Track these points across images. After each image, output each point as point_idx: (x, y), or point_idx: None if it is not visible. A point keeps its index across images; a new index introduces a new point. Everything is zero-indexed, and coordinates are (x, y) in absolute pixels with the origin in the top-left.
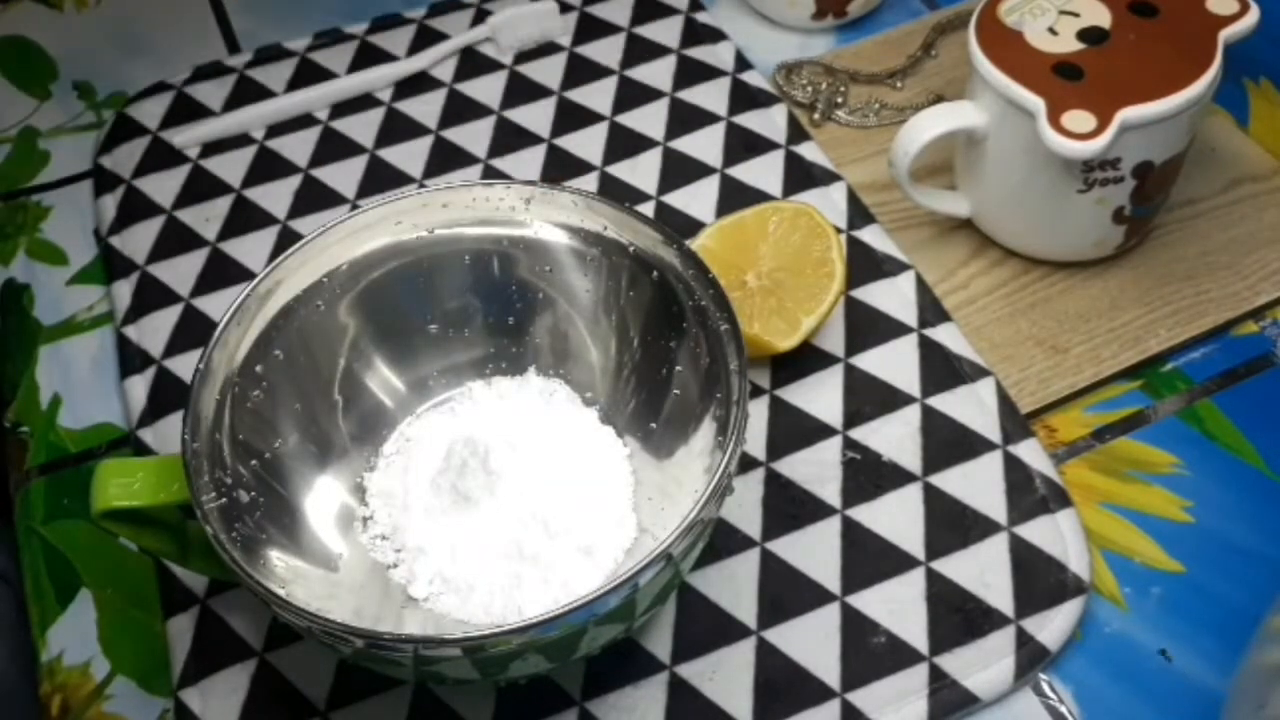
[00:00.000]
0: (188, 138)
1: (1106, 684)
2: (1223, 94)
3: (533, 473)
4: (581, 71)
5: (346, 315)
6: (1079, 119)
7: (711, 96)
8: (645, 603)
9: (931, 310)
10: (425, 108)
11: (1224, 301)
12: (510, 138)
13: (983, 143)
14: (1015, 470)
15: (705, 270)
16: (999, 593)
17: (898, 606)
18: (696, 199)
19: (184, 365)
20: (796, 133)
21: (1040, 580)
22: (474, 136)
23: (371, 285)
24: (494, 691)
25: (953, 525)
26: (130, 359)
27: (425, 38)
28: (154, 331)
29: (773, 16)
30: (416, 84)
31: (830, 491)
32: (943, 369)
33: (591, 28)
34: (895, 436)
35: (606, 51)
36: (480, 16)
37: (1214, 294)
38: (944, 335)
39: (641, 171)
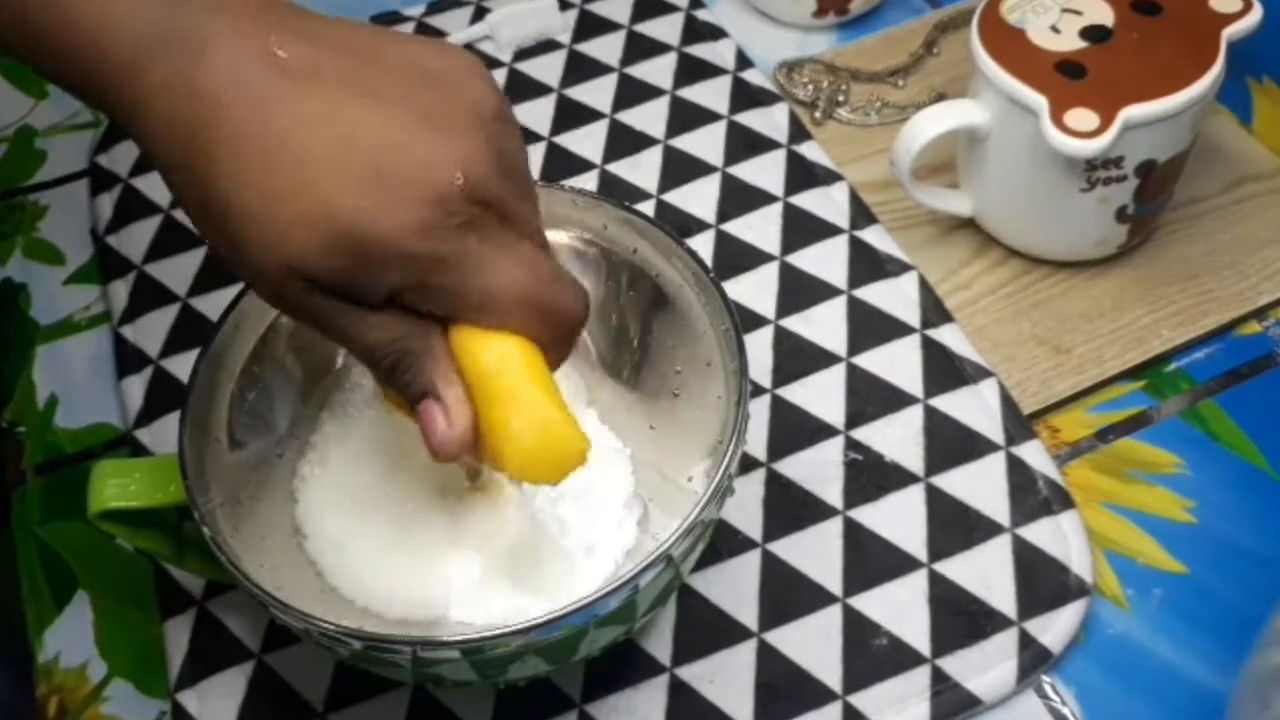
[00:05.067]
0: None
1: (1109, 686)
2: (1226, 93)
3: None
4: (581, 69)
5: None
6: (1082, 117)
7: (712, 95)
8: (646, 604)
9: (933, 310)
10: None
11: (1227, 301)
12: None
13: (985, 141)
14: (1018, 471)
15: (706, 270)
16: (1001, 594)
17: (899, 608)
18: (697, 198)
19: (181, 365)
20: (798, 131)
21: (1043, 582)
22: None
23: None
24: (493, 693)
25: (955, 526)
26: (127, 359)
27: (424, 35)
28: (151, 331)
29: (774, 14)
30: None
31: (832, 492)
32: (945, 369)
33: (591, 25)
34: (897, 437)
35: (606, 49)
36: (479, 14)
37: (1217, 294)
38: (946, 335)
39: (642, 170)
